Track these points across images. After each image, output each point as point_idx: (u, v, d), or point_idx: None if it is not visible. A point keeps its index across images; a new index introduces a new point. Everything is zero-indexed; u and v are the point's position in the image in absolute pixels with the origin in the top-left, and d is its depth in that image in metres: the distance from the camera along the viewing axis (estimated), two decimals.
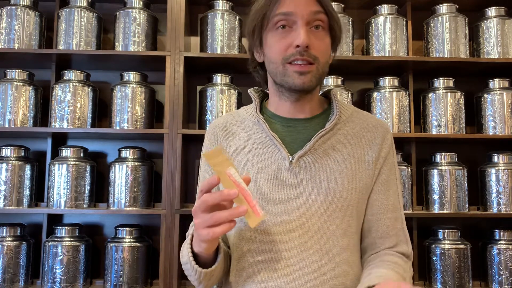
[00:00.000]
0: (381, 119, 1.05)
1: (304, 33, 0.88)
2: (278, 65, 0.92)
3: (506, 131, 2.11)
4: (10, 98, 2.06)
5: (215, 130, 1.04)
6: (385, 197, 0.97)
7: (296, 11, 0.90)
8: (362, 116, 1.02)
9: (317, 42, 0.91)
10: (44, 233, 2.10)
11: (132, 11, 2.14)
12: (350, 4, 2.33)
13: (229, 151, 0.99)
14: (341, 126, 0.98)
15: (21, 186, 2.04)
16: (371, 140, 0.98)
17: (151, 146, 2.27)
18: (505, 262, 2.02)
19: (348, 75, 2.25)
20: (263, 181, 0.93)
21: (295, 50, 0.89)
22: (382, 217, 0.96)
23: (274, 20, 0.92)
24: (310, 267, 0.88)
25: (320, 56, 0.91)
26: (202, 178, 1.05)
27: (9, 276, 1.96)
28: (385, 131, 1.01)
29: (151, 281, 2.11)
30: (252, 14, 0.97)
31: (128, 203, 2.03)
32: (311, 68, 0.90)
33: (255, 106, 1.02)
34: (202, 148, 1.08)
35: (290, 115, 0.99)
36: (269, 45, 0.94)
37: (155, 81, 2.30)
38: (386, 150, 0.99)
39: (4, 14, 2.11)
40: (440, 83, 2.19)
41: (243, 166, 0.96)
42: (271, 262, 0.90)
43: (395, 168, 1.01)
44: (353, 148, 0.96)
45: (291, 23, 0.91)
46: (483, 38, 2.22)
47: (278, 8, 0.91)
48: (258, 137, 0.98)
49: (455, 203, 2.08)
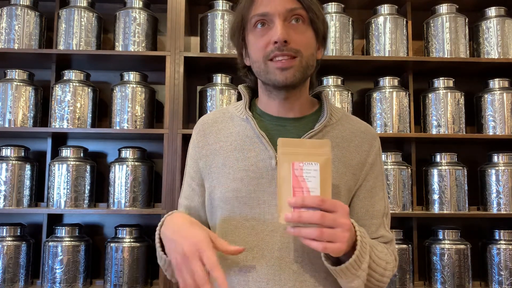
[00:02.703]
0: (370, 126, 1.04)
1: (281, 28, 0.88)
2: (260, 63, 0.92)
3: (506, 131, 2.11)
4: (10, 98, 2.06)
5: (203, 126, 1.04)
6: (370, 204, 0.97)
7: (271, 10, 0.90)
8: (351, 121, 1.02)
9: (297, 36, 0.90)
10: (44, 233, 2.10)
11: (132, 11, 2.14)
12: (350, 4, 2.33)
13: (216, 148, 0.99)
14: (330, 128, 0.98)
15: (21, 186, 2.04)
16: (359, 146, 0.98)
17: (151, 146, 2.27)
18: (505, 262, 2.02)
19: (348, 75, 2.25)
20: (248, 179, 0.93)
21: (273, 46, 0.89)
22: (367, 223, 0.96)
23: (252, 22, 0.93)
24: (291, 268, 0.89)
25: (302, 49, 0.90)
26: (188, 174, 1.05)
27: (9, 276, 1.96)
28: (372, 138, 1.01)
29: (151, 281, 2.11)
30: (232, 18, 1.00)
31: (128, 203, 2.03)
32: (293, 63, 0.89)
33: (245, 103, 1.01)
34: (189, 143, 1.07)
35: (279, 113, 0.99)
36: (251, 45, 0.95)
37: (155, 81, 2.30)
38: (373, 157, 0.99)
39: (4, 14, 2.11)
40: (440, 83, 2.19)
41: (229, 163, 0.96)
42: (252, 261, 0.90)
43: (382, 174, 1.01)
44: (341, 152, 0.96)
45: (268, 21, 0.91)
46: (483, 38, 2.22)
47: (254, 10, 0.93)
48: (246, 134, 0.97)
49: (455, 203, 2.08)
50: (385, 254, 0.91)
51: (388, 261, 0.91)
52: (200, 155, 1.02)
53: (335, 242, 0.75)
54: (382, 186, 1.00)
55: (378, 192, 0.99)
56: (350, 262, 0.79)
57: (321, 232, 0.73)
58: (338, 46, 2.17)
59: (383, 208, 0.99)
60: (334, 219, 0.74)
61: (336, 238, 0.74)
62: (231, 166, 0.95)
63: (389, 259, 0.91)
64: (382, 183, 1.00)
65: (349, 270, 0.80)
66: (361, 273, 0.81)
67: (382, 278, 0.89)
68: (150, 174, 2.11)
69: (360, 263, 0.80)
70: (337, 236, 0.74)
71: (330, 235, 0.74)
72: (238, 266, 0.91)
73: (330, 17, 2.18)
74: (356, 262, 0.80)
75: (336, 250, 0.75)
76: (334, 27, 2.17)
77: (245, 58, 1.01)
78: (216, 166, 0.98)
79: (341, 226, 0.75)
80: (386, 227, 0.99)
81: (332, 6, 2.21)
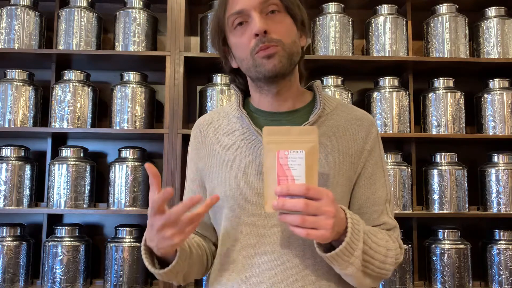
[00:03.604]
0: (367, 113, 1.04)
1: (259, 20, 0.89)
2: (248, 60, 0.92)
3: (506, 131, 2.11)
4: (10, 98, 2.06)
5: (200, 127, 1.05)
6: (371, 191, 0.97)
7: (246, 6, 0.91)
8: (347, 109, 1.02)
9: (275, 25, 0.91)
10: (44, 233, 2.10)
11: (132, 11, 2.14)
12: (350, 4, 2.33)
13: (214, 148, 1.00)
14: (325, 119, 0.98)
15: (21, 186, 2.04)
16: (355, 133, 0.98)
17: (151, 146, 2.27)
18: (505, 262, 2.02)
19: (348, 75, 2.25)
20: (247, 176, 0.93)
21: (256, 40, 0.90)
22: (368, 210, 0.96)
23: (230, 22, 0.94)
24: (293, 262, 0.89)
25: (282, 38, 0.91)
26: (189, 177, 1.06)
27: (9, 276, 1.96)
28: (370, 124, 1.00)
29: (151, 281, 2.11)
30: (210, 25, 1.01)
31: (128, 203, 2.03)
32: (276, 49, 0.90)
33: (238, 101, 1.02)
34: (188, 146, 1.08)
35: (273, 108, 0.99)
36: (234, 45, 0.96)
37: (155, 81, 2.30)
38: (371, 144, 0.99)
39: (4, 14, 2.11)
40: (440, 83, 2.19)
41: (228, 162, 0.96)
42: (254, 257, 0.90)
43: (382, 161, 1.00)
44: (337, 141, 0.96)
45: (246, 18, 0.92)
46: (483, 38, 2.22)
47: (229, 10, 0.94)
48: (242, 132, 0.98)
49: (455, 203, 2.08)
50: (386, 241, 0.90)
51: (389, 248, 0.89)
52: (199, 156, 1.03)
53: (318, 229, 0.75)
54: (383, 173, 0.99)
55: (378, 179, 0.98)
56: (340, 249, 0.79)
57: (303, 219, 0.75)
58: (338, 46, 2.17)
59: (384, 194, 0.98)
60: (318, 207, 0.75)
61: (320, 225, 0.75)
62: (230, 165, 0.96)
63: (390, 246, 0.90)
64: (382, 170, 0.99)
65: (340, 257, 0.80)
66: (354, 260, 0.81)
67: (384, 266, 0.88)
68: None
69: (353, 250, 0.80)
70: (320, 224, 0.75)
71: (313, 222, 0.75)
72: (240, 261, 0.92)
73: (330, 17, 2.18)
74: (347, 249, 0.80)
75: (320, 237, 0.76)
76: (334, 27, 2.17)
77: (231, 61, 1.02)
78: (215, 166, 0.98)
79: (325, 213, 0.75)
80: (390, 214, 0.98)
81: (332, 6, 2.21)
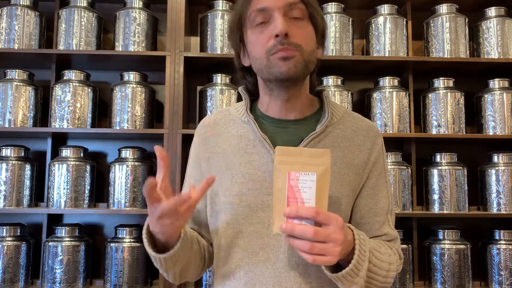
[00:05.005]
0: (372, 123, 1.04)
1: (282, 21, 0.87)
2: (262, 59, 0.90)
3: (506, 131, 2.11)
4: (10, 98, 2.06)
5: (204, 128, 1.04)
6: (373, 202, 0.97)
7: (271, 5, 0.89)
8: (353, 118, 1.01)
9: (297, 30, 0.89)
10: (44, 233, 2.10)
11: (132, 11, 2.14)
12: (350, 4, 2.33)
13: (218, 150, 0.98)
14: (332, 128, 0.97)
15: (21, 186, 2.04)
16: (361, 144, 0.97)
17: (151, 146, 2.27)
18: (505, 262, 2.02)
19: (348, 75, 2.25)
20: (252, 183, 0.92)
21: (275, 40, 0.88)
22: (371, 220, 0.96)
23: (251, 18, 0.92)
24: (297, 270, 0.89)
25: (303, 44, 0.89)
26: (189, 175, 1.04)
27: (9, 276, 1.96)
28: (375, 135, 1.00)
29: (151, 281, 2.11)
30: (230, 18, 0.99)
31: (128, 203, 2.03)
32: (295, 54, 0.88)
33: (246, 105, 1.00)
34: (191, 146, 1.07)
35: (281, 115, 0.98)
36: (251, 42, 0.93)
37: (155, 81, 2.30)
38: (376, 155, 0.98)
39: (4, 14, 2.11)
40: (440, 83, 2.19)
41: (232, 167, 0.95)
42: (258, 265, 0.90)
43: (385, 172, 1.00)
44: (342, 152, 0.95)
45: (268, 17, 0.90)
46: (483, 38, 2.22)
47: (253, 6, 0.91)
48: (248, 137, 0.96)
49: (455, 203, 2.08)
50: (388, 256, 0.91)
51: (391, 262, 0.90)
52: (202, 157, 1.01)
53: (326, 256, 0.75)
54: (386, 184, 0.99)
55: (381, 190, 0.98)
56: (347, 271, 0.79)
57: (312, 246, 0.74)
58: (338, 46, 2.17)
59: (386, 205, 0.98)
60: (327, 235, 0.75)
61: (327, 252, 0.75)
62: (234, 170, 0.94)
63: (392, 259, 0.91)
64: (385, 181, 0.99)
65: (345, 278, 0.80)
66: (358, 280, 0.81)
67: (385, 279, 0.89)
68: (150, 174, 2.11)
69: (358, 270, 0.81)
70: (328, 251, 0.75)
71: (321, 250, 0.75)
72: (243, 269, 0.91)
73: (330, 17, 2.18)
74: (353, 271, 0.80)
75: (326, 263, 0.76)
76: (334, 27, 2.17)
77: (243, 58, 1.00)
78: (219, 169, 0.97)
79: (333, 241, 0.75)
80: (391, 225, 0.99)
81: (332, 6, 2.21)
